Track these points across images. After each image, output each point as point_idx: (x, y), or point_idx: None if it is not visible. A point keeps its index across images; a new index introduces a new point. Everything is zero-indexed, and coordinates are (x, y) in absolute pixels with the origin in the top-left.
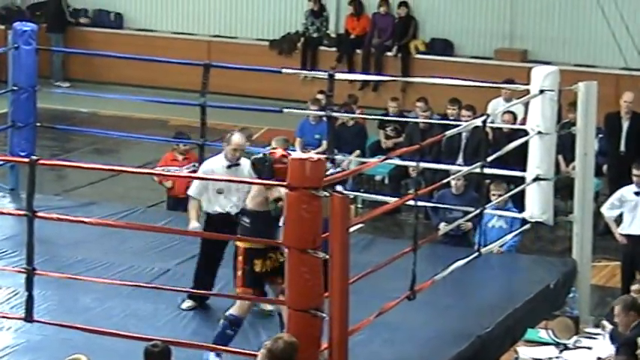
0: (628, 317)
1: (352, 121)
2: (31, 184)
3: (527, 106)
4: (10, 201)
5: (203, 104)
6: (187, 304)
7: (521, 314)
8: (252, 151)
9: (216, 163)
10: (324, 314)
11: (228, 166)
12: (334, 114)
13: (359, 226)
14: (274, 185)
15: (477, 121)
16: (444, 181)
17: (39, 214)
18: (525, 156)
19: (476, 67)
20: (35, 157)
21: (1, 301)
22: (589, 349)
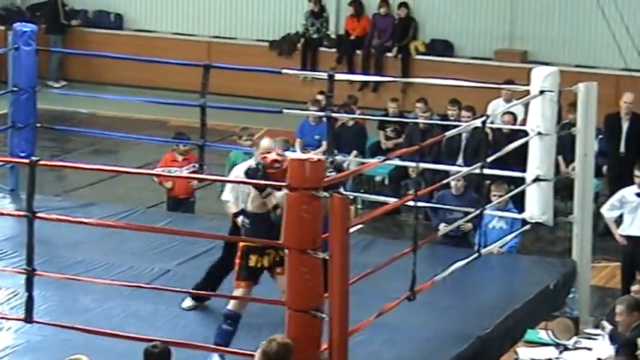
0: (631, 317)
1: (352, 121)
2: (31, 184)
3: (527, 106)
4: (10, 202)
5: (203, 105)
6: (187, 304)
7: (521, 315)
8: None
9: (245, 168)
10: (324, 315)
11: None
12: (334, 115)
13: (359, 226)
14: (274, 186)
15: (477, 122)
16: (444, 181)
17: (39, 215)
18: (525, 157)
19: (476, 68)
20: (35, 158)
21: (1, 302)
22: (589, 349)
